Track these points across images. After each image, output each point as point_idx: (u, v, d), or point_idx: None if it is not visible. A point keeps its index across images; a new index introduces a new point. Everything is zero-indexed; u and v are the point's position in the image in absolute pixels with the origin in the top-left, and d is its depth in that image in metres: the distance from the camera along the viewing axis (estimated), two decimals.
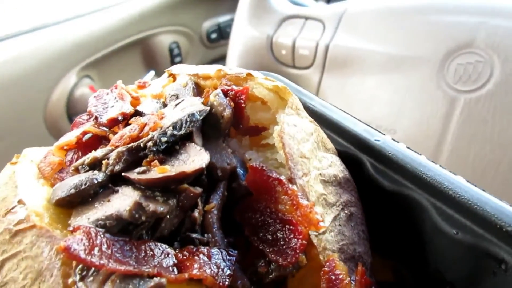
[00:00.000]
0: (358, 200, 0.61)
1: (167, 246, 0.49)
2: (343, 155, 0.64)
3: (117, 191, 0.52)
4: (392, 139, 0.61)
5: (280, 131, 0.55)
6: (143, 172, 0.52)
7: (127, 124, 0.71)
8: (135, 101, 0.79)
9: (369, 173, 0.61)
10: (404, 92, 1.14)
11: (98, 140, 0.72)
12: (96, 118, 0.74)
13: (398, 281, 0.61)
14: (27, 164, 0.65)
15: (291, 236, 0.50)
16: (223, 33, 2.36)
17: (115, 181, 0.55)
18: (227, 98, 0.60)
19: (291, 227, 0.50)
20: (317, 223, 0.47)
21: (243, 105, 0.59)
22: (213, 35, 2.33)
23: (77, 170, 0.59)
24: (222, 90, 0.60)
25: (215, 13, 2.36)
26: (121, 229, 0.49)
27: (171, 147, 0.55)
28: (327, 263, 0.49)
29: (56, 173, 0.65)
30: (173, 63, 2.19)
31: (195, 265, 0.46)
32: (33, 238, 0.48)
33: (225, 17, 2.40)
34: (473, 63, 1.06)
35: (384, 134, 0.62)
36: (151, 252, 0.47)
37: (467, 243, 0.47)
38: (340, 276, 0.49)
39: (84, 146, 0.72)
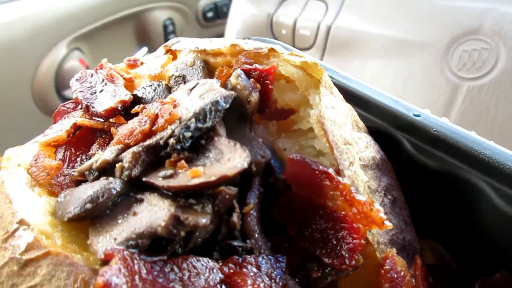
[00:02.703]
0: (396, 181, 0.57)
1: (209, 260, 0.42)
2: (374, 133, 0.59)
3: (141, 201, 0.44)
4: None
5: (319, 116, 0.48)
6: (170, 176, 0.44)
7: (127, 113, 0.62)
8: (129, 84, 0.69)
9: (408, 152, 0.56)
10: (406, 77, 1.10)
11: (92, 133, 0.63)
12: (87, 107, 0.64)
13: (439, 262, 0.59)
14: (14, 169, 0.55)
15: (346, 234, 0.44)
16: (219, 12, 2.22)
17: (133, 186, 0.47)
18: (251, 79, 0.52)
19: (344, 225, 0.45)
20: (382, 222, 0.41)
21: (270, 86, 0.51)
22: (209, 14, 2.19)
23: (82, 175, 0.50)
24: (243, 69, 0.52)
25: None
26: (151, 244, 0.42)
27: (195, 143, 0.48)
28: (387, 261, 0.45)
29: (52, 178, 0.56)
30: (166, 40, 2.07)
31: (248, 281, 0.40)
32: (50, 268, 0.40)
33: None
34: (479, 50, 1.02)
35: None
36: (195, 270, 0.41)
37: None
38: (402, 273, 0.45)
39: (76, 141, 0.62)
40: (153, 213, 0.42)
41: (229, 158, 0.44)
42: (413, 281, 0.46)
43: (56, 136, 0.61)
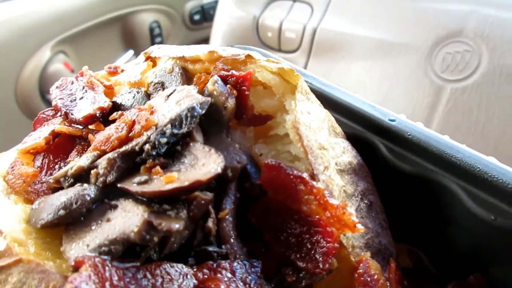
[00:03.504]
0: (373, 186, 0.57)
1: (183, 266, 0.42)
2: (352, 138, 0.60)
3: (115, 207, 0.44)
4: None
5: (294, 121, 0.49)
6: (145, 182, 0.44)
7: (106, 120, 0.62)
8: (109, 91, 0.69)
9: (384, 156, 0.57)
10: (391, 79, 1.11)
11: (71, 140, 0.62)
12: (66, 114, 0.64)
13: (416, 265, 0.59)
14: None
15: (320, 238, 0.45)
16: (206, 15, 2.22)
17: (108, 193, 0.47)
18: (227, 85, 0.52)
19: (319, 229, 0.45)
20: (354, 226, 0.42)
21: (246, 92, 0.52)
22: (196, 17, 2.20)
23: (58, 182, 0.50)
24: (220, 76, 0.53)
25: None
26: (126, 250, 0.42)
27: (171, 148, 0.48)
28: (361, 264, 0.45)
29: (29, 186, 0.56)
30: (153, 43, 2.05)
31: (222, 286, 0.40)
32: (22, 276, 0.40)
33: None
34: (461, 52, 1.04)
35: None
36: (168, 276, 0.41)
37: (508, 228, 0.44)
38: (375, 277, 0.45)
39: (54, 148, 0.62)
40: (126, 219, 0.42)
41: (204, 163, 0.45)
42: (388, 284, 0.47)
43: (34, 143, 0.61)
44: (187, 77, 0.60)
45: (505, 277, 0.48)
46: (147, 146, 0.46)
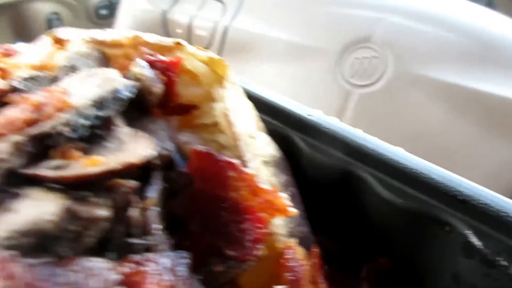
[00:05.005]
0: (293, 178, 0.59)
1: (102, 260, 0.38)
2: (271, 134, 0.61)
3: (17, 196, 0.38)
4: None
5: (225, 108, 0.49)
6: (60, 167, 0.39)
7: (1, 104, 0.54)
8: (3, 74, 0.60)
9: (302, 150, 0.59)
10: (302, 83, 1.11)
11: None
12: None
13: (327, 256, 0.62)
14: None
15: (249, 225, 0.45)
16: (115, 10, 2.04)
17: (10, 181, 0.40)
18: (155, 70, 0.50)
19: (248, 215, 0.45)
20: (285, 209, 0.43)
21: (174, 79, 0.50)
22: (103, 11, 1.98)
23: None
24: (146, 61, 0.50)
25: None
26: (34, 247, 0.37)
27: (91, 133, 0.43)
28: (288, 251, 0.46)
29: None
30: None
31: (148, 280, 0.38)
32: None
33: None
34: (369, 58, 1.05)
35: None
36: (84, 272, 0.36)
37: (411, 210, 0.49)
38: (301, 263, 0.47)
39: None
40: (36, 207, 0.36)
41: (134, 147, 0.41)
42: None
43: None
44: (104, 62, 0.56)
45: (408, 256, 0.54)
46: (66, 129, 0.41)
